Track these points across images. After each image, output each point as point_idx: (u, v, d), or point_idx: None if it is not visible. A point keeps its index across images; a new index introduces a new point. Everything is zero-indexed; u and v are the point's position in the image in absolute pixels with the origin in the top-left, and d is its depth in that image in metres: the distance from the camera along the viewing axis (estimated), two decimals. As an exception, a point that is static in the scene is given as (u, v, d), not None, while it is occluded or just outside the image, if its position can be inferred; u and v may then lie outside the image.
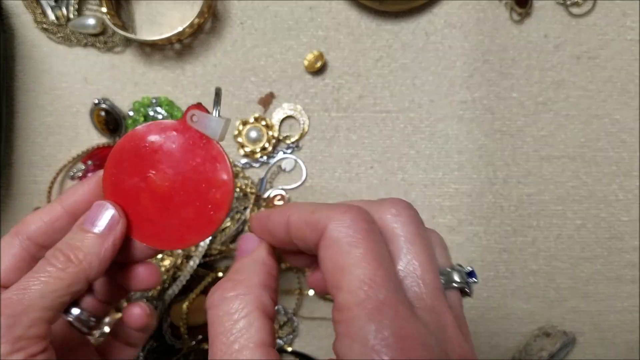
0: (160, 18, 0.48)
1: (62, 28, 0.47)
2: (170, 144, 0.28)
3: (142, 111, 0.47)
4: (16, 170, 0.49)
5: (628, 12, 0.47)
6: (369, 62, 0.47)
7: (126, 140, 0.28)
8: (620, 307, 0.49)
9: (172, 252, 0.46)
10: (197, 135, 0.28)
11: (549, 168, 0.48)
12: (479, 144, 0.48)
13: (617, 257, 0.48)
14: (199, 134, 0.28)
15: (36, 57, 0.48)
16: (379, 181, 0.48)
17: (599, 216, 0.48)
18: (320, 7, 0.47)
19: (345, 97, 0.48)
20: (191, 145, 0.28)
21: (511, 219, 0.48)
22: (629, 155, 0.48)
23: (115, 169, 0.29)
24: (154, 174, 0.28)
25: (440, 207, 0.48)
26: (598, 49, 0.47)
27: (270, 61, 0.48)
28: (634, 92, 0.47)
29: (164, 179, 0.28)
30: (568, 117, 0.48)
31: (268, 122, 0.47)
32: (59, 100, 0.48)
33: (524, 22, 0.47)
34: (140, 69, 0.48)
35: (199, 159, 0.28)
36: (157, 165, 0.28)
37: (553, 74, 0.47)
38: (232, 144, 0.48)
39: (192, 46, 0.48)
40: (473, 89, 0.47)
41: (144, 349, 0.45)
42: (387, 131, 0.48)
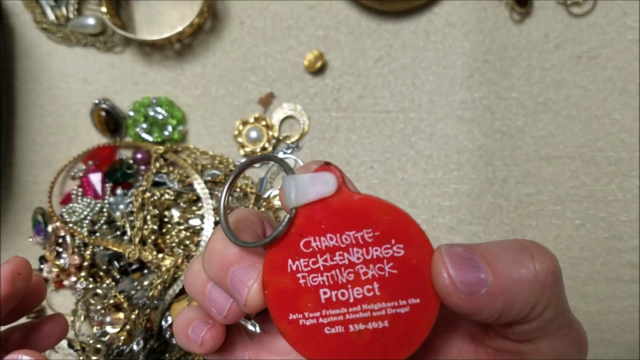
0: (160, 18, 0.48)
1: (62, 28, 0.47)
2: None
3: (142, 111, 0.47)
4: (16, 170, 0.49)
5: (629, 11, 0.47)
6: (369, 61, 0.47)
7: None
8: (619, 307, 0.49)
9: (173, 251, 0.46)
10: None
11: (549, 168, 0.48)
12: (479, 144, 0.48)
13: (616, 257, 0.48)
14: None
15: (36, 56, 0.48)
16: (378, 181, 0.48)
17: (598, 216, 0.48)
18: (320, 7, 0.47)
19: (345, 97, 0.48)
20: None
21: (510, 218, 0.48)
22: (628, 155, 0.48)
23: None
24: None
25: (440, 207, 0.48)
26: (598, 48, 0.47)
27: (270, 61, 0.47)
28: (634, 92, 0.47)
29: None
30: (568, 117, 0.48)
31: (268, 122, 0.47)
32: (58, 100, 0.48)
33: (525, 21, 0.47)
34: (140, 68, 0.48)
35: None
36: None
37: (553, 73, 0.47)
38: (233, 143, 0.48)
39: (191, 46, 0.48)
40: (473, 88, 0.47)
41: (144, 348, 0.45)
42: (387, 131, 0.48)
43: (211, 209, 0.46)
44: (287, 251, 0.21)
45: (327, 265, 0.20)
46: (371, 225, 0.20)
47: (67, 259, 0.46)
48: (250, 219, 0.23)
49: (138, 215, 0.45)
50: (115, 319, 0.45)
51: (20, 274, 0.28)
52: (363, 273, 0.20)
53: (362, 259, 0.20)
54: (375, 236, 0.20)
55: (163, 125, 0.47)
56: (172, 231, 0.46)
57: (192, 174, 0.46)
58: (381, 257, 0.20)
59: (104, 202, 0.46)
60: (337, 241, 0.20)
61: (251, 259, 0.21)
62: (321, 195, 0.20)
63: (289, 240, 0.21)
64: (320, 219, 0.20)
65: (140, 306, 0.46)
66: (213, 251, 0.21)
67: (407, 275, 0.20)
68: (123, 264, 0.47)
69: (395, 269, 0.20)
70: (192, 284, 0.23)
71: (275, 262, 0.21)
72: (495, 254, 0.19)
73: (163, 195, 0.46)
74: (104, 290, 0.45)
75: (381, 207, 0.20)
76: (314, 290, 0.20)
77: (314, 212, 0.20)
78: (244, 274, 0.21)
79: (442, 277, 0.19)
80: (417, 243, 0.20)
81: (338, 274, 0.20)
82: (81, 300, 0.46)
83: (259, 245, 0.20)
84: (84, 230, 0.46)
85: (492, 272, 0.19)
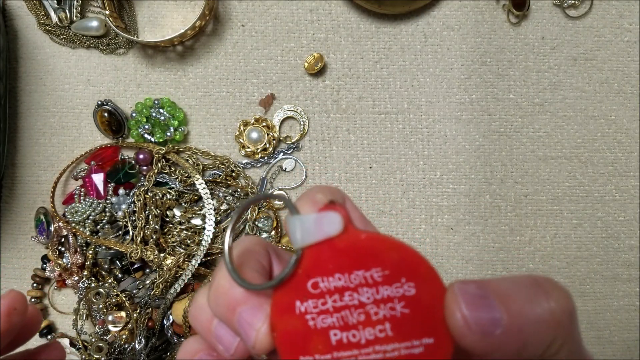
0: (162, 20, 0.48)
1: (65, 30, 0.48)
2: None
3: (144, 112, 0.47)
4: (20, 170, 0.49)
5: (625, 13, 0.47)
6: (368, 63, 0.48)
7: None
8: (616, 306, 0.49)
9: (174, 250, 0.46)
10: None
11: (546, 168, 0.48)
12: (477, 145, 0.48)
13: (614, 256, 0.49)
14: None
15: (39, 58, 0.49)
16: (378, 181, 0.48)
17: (595, 216, 0.49)
18: (320, 10, 0.48)
19: (345, 98, 0.48)
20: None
21: (508, 218, 0.49)
22: (625, 155, 0.48)
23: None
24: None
25: (439, 207, 0.49)
26: (595, 50, 0.48)
27: (270, 63, 0.48)
28: (630, 93, 0.48)
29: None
30: (565, 118, 0.48)
31: (269, 123, 0.48)
32: (62, 101, 0.49)
33: (521, 24, 0.48)
34: (142, 70, 0.48)
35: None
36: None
37: (550, 75, 0.48)
38: (234, 144, 0.49)
39: (193, 48, 0.48)
40: (471, 90, 0.48)
41: (146, 347, 0.45)
42: (386, 132, 0.48)
43: (212, 208, 0.46)
44: (294, 292, 0.20)
45: (336, 306, 0.20)
46: (380, 264, 0.20)
47: (70, 258, 0.47)
48: (255, 249, 0.23)
49: (140, 214, 0.46)
50: (117, 318, 0.45)
51: (16, 309, 0.28)
52: (374, 313, 0.20)
53: (373, 299, 0.20)
54: (384, 275, 0.20)
55: (165, 126, 0.47)
56: (173, 230, 0.47)
57: (194, 174, 0.47)
58: (392, 296, 0.20)
59: (106, 202, 0.47)
60: (346, 281, 0.20)
61: (258, 299, 0.20)
62: (327, 235, 0.20)
63: (296, 281, 0.20)
64: (327, 259, 0.20)
65: (142, 305, 0.46)
66: (219, 289, 0.21)
67: (420, 315, 0.20)
68: (125, 263, 0.47)
69: (407, 308, 0.20)
70: (197, 319, 0.22)
71: (283, 304, 0.20)
72: (509, 292, 0.19)
73: (165, 195, 0.47)
74: (106, 289, 0.46)
75: (389, 245, 0.20)
76: (324, 331, 0.20)
77: (320, 252, 0.20)
78: (252, 315, 0.20)
79: (456, 317, 0.18)
80: (428, 281, 0.20)
81: (348, 315, 0.20)
82: (83, 299, 0.46)
83: (265, 288, 0.20)
84: (86, 230, 0.46)
85: (506, 312, 0.18)
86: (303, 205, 0.21)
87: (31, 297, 0.49)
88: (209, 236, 0.46)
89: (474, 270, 0.49)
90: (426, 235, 0.49)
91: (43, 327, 0.49)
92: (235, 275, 0.20)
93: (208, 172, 0.48)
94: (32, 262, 0.50)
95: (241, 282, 0.20)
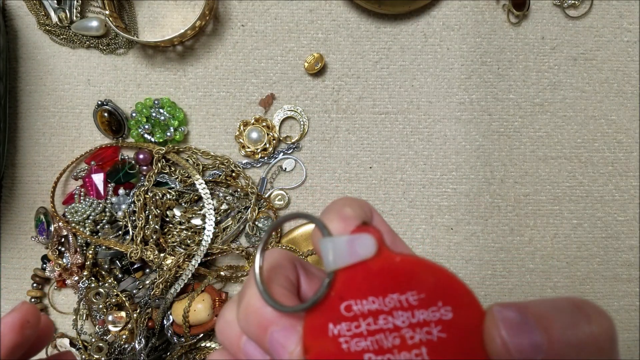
0: (162, 20, 0.48)
1: (65, 30, 0.48)
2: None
3: (144, 112, 0.47)
4: (20, 170, 0.49)
5: (625, 13, 0.47)
6: (368, 64, 0.48)
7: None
8: (616, 306, 0.49)
9: (174, 250, 0.46)
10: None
11: (546, 168, 0.48)
12: (477, 145, 0.48)
13: (614, 256, 0.49)
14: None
15: (39, 58, 0.49)
16: (378, 181, 0.49)
17: (595, 216, 0.49)
18: (320, 10, 0.48)
19: (345, 98, 0.48)
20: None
21: (508, 218, 0.49)
22: (624, 155, 0.48)
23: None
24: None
25: (439, 207, 0.49)
26: (594, 50, 0.48)
27: (270, 63, 0.48)
28: (630, 93, 0.48)
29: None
30: (564, 118, 0.48)
31: (269, 123, 0.48)
32: (62, 101, 0.49)
33: (521, 24, 0.48)
34: (142, 70, 0.48)
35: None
36: None
37: (550, 75, 0.48)
38: (234, 144, 0.49)
39: (193, 48, 0.48)
40: (471, 90, 0.48)
41: (146, 346, 0.45)
42: (386, 132, 0.48)
43: (212, 208, 0.46)
44: (327, 315, 0.19)
45: (370, 330, 0.19)
46: (415, 287, 0.19)
47: (70, 258, 0.47)
48: (283, 265, 0.22)
49: (140, 214, 0.46)
50: (117, 318, 0.45)
51: (29, 321, 0.28)
52: (410, 337, 0.19)
53: (408, 323, 0.19)
54: (420, 299, 0.19)
55: (165, 126, 0.47)
56: (173, 230, 0.47)
57: (194, 174, 0.47)
58: (428, 320, 0.19)
59: (106, 202, 0.47)
60: (380, 304, 0.19)
61: (290, 319, 0.20)
62: (361, 258, 0.20)
63: (329, 303, 0.20)
64: (360, 282, 0.19)
65: (142, 305, 0.46)
66: (249, 308, 0.20)
67: (458, 339, 0.19)
68: (125, 263, 0.47)
69: (444, 332, 0.19)
70: (226, 335, 0.22)
71: (316, 326, 0.19)
72: (550, 316, 0.18)
73: (165, 195, 0.47)
74: (106, 289, 0.46)
75: (425, 268, 0.20)
76: (358, 355, 0.19)
77: (353, 274, 0.20)
78: (285, 336, 0.20)
79: (496, 343, 0.18)
80: (466, 304, 0.19)
81: (383, 339, 0.19)
82: (83, 299, 0.46)
83: (298, 311, 0.20)
84: (86, 230, 0.47)
85: (547, 337, 0.18)
86: (332, 220, 0.20)
87: (31, 297, 0.49)
88: (209, 236, 0.46)
89: (474, 270, 0.49)
90: (426, 235, 0.49)
91: (43, 327, 0.49)
92: (266, 297, 0.20)
93: (208, 172, 0.48)
94: (32, 262, 0.50)
95: (273, 303, 0.20)
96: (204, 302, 0.45)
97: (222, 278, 0.48)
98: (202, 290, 0.46)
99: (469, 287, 0.20)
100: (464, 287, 0.20)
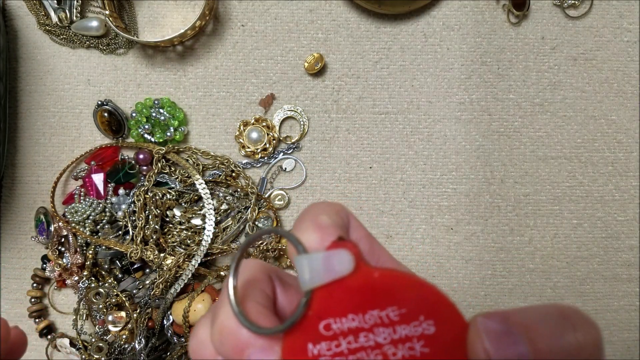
0: (162, 20, 0.48)
1: (65, 30, 0.48)
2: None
3: (144, 112, 0.47)
4: (19, 170, 0.49)
5: (625, 13, 0.47)
6: (368, 64, 0.48)
7: None
8: (616, 306, 0.49)
9: (174, 250, 0.46)
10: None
11: (546, 168, 0.48)
12: (477, 145, 0.48)
13: (614, 256, 0.49)
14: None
15: (39, 58, 0.49)
16: (377, 181, 0.49)
17: (595, 216, 0.49)
18: (320, 10, 0.48)
19: (345, 98, 0.48)
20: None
21: (508, 218, 0.49)
22: (625, 155, 0.48)
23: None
24: None
25: (439, 207, 0.49)
26: (594, 50, 0.48)
27: (270, 63, 0.48)
28: (630, 93, 0.48)
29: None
30: (564, 118, 0.48)
31: (269, 123, 0.48)
32: (62, 101, 0.49)
33: (521, 24, 0.48)
34: (142, 70, 0.48)
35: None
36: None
37: (550, 75, 0.48)
38: (234, 144, 0.49)
39: (193, 48, 0.48)
40: (471, 90, 0.48)
41: (146, 347, 0.45)
42: (386, 132, 0.48)
43: (212, 208, 0.46)
44: (306, 335, 0.19)
45: (351, 348, 0.19)
46: (396, 302, 0.19)
47: (70, 258, 0.47)
48: (258, 278, 0.22)
49: (140, 214, 0.46)
50: (117, 318, 0.45)
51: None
52: (392, 354, 0.19)
53: (390, 339, 0.19)
54: (401, 314, 0.19)
55: (165, 126, 0.47)
56: (173, 230, 0.47)
57: (194, 174, 0.47)
58: (410, 335, 0.19)
59: (106, 202, 0.47)
60: (361, 322, 0.19)
61: (267, 339, 0.19)
62: (338, 275, 0.19)
63: (307, 323, 0.19)
64: (338, 300, 0.19)
65: (142, 305, 0.46)
66: (224, 330, 0.20)
67: (441, 353, 0.19)
68: (125, 263, 0.47)
69: (427, 347, 0.19)
70: (200, 355, 0.21)
71: (295, 347, 0.19)
72: (534, 325, 0.18)
73: (165, 195, 0.47)
74: (106, 289, 0.46)
75: (405, 282, 0.19)
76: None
77: (331, 292, 0.19)
78: (262, 357, 0.19)
79: (479, 355, 0.18)
80: (448, 318, 0.19)
81: (365, 357, 0.19)
82: (83, 299, 0.46)
83: (275, 332, 0.19)
84: (86, 230, 0.47)
85: (532, 347, 0.18)
86: (306, 230, 0.20)
87: (31, 297, 0.49)
88: (209, 236, 0.46)
89: (474, 270, 0.49)
90: (426, 235, 0.49)
91: (43, 327, 0.49)
92: (242, 319, 0.19)
93: (208, 172, 0.48)
94: (32, 262, 0.50)
95: (249, 325, 0.19)
96: (204, 302, 0.45)
97: (222, 278, 0.48)
98: (202, 290, 0.46)
99: (450, 300, 0.19)
100: (446, 300, 0.19)
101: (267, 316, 0.20)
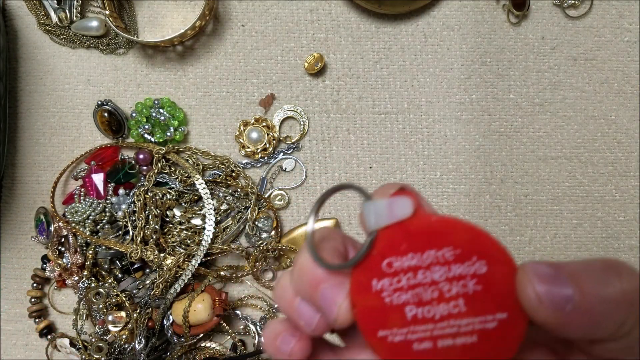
0: (162, 20, 0.48)
1: (65, 30, 0.48)
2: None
3: (144, 112, 0.47)
4: (19, 170, 0.49)
5: (625, 13, 0.47)
6: (368, 64, 0.48)
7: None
8: (616, 306, 0.49)
9: (174, 250, 0.46)
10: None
11: (546, 168, 0.48)
12: (477, 145, 0.48)
13: (614, 256, 0.49)
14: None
15: (39, 58, 0.49)
16: (378, 181, 0.49)
17: (595, 216, 0.49)
18: (320, 10, 0.48)
19: (345, 98, 0.48)
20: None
21: (508, 218, 0.49)
22: (625, 155, 0.48)
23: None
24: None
25: (439, 207, 0.49)
26: (594, 50, 0.48)
27: (270, 63, 0.48)
28: (630, 93, 0.48)
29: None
30: (564, 118, 0.48)
31: (269, 123, 0.48)
32: (62, 101, 0.49)
33: (521, 24, 0.48)
34: (142, 70, 0.48)
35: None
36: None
37: (550, 75, 0.48)
38: (234, 144, 0.49)
39: (193, 48, 0.48)
40: (471, 90, 0.48)
41: (146, 347, 0.45)
42: (386, 132, 0.48)
43: (212, 208, 0.46)
44: (370, 272, 0.21)
45: (410, 284, 0.21)
46: (451, 243, 0.20)
47: (70, 258, 0.47)
48: (332, 236, 0.24)
49: (140, 214, 0.46)
50: (117, 318, 0.45)
51: None
52: (447, 290, 0.20)
53: (445, 277, 0.20)
54: (456, 254, 0.20)
55: (165, 126, 0.47)
56: (173, 230, 0.47)
57: (194, 174, 0.47)
58: (464, 274, 0.20)
59: (106, 202, 0.47)
60: (419, 260, 0.21)
61: (338, 277, 0.22)
62: (399, 218, 0.21)
63: (372, 261, 0.21)
64: (400, 240, 0.21)
65: (142, 305, 0.46)
66: (303, 269, 0.22)
67: (492, 291, 0.20)
68: (125, 263, 0.47)
69: (480, 285, 0.20)
70: (282, 297, 0.23)
71: (361, 282, 0.21)
72: (581, 272, 0.19)
73: (165, 195, 0.47)
74: (106, 289, 0.46)
75: (459, 226, 0.21)
76: (400, 308, 0.21)
77: (393, 234, 0.21)
78: (334, 292, 0.21)
79: (527, 292, 0.19)
80: (500, 260, 0.20)
81: (422, 292, 0.21)
82: (83, 299, 0.46)
83: (343, 268, 0.21)
84: (86, 230, 0.47)
85: (578, 289, 0.19)
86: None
87: (31, 297, 0.49)
88: (209, 236, 0.46)
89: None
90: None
91: (43, 327, 0.49)
92: (316, 257, 0.21)
93: (208, 172, 0.48)
94: (32, 262, 0.50)
95: (321, 263, 0.21)
96: (204, 302, 0.45)
97: (222, 278, 0.48)
98: (202, 290, 0.46)
99: (502, 245, 0.20)
100: (498, 244, 0.20)
101: (338, 260, 0.22)
